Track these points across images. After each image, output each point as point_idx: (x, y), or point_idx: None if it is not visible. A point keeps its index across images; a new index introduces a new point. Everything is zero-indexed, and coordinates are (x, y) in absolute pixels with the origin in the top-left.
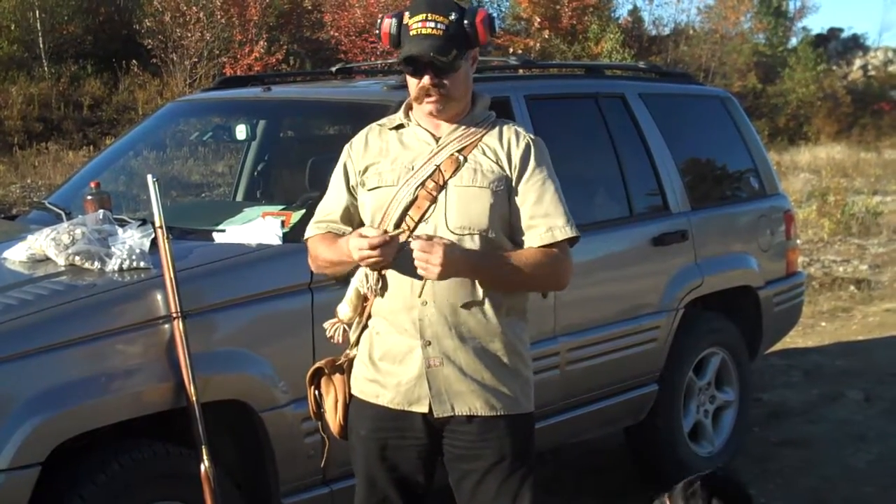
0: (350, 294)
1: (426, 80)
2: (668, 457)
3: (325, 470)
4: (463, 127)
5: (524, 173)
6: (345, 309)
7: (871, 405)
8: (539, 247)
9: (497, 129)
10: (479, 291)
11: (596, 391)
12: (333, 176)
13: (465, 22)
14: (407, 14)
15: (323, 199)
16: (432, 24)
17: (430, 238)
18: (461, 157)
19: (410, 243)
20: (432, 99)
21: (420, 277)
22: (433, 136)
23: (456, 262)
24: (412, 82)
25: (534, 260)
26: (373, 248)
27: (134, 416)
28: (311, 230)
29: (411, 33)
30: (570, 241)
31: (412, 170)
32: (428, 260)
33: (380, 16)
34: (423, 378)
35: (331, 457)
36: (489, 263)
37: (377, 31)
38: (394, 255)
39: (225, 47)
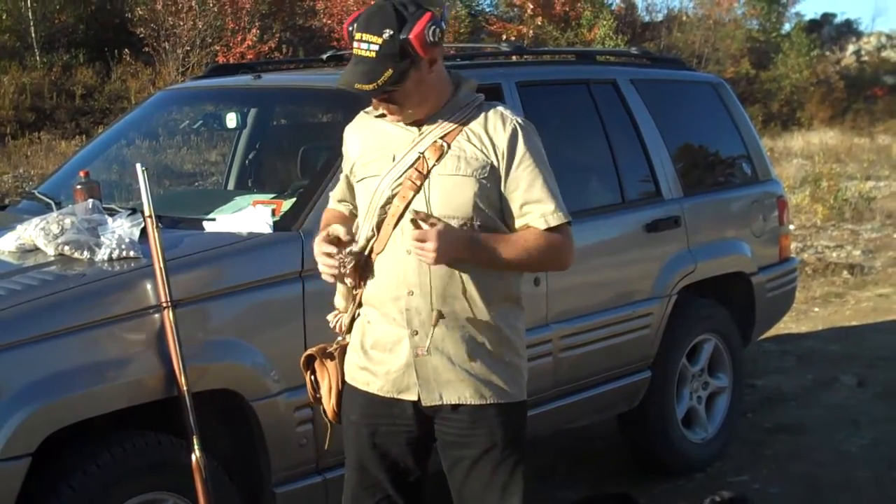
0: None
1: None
2: (661, 443)
3: (320, 457)
4: (446, 114)
5: (513, 160)
6: (339, 300)
7: (864, 390)
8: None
9: (483, 113)
10: (468, 281)
11: (589, 378)
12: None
13: (401, 38)
14: (353, 26)
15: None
16: (365, 46)
17: (426, 217)
18: (444, 145)
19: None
20: (387, 112)
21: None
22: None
23: (452, 244)
24: None
25: (534, 241)
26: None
27: (125, 405)
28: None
29: (354, 50)
30: None
31: (394, 159)
32: (423, 247)
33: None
34: (412, 367)
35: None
36: (486, 244)
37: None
38: (347, 270)
39: (217, 35)
